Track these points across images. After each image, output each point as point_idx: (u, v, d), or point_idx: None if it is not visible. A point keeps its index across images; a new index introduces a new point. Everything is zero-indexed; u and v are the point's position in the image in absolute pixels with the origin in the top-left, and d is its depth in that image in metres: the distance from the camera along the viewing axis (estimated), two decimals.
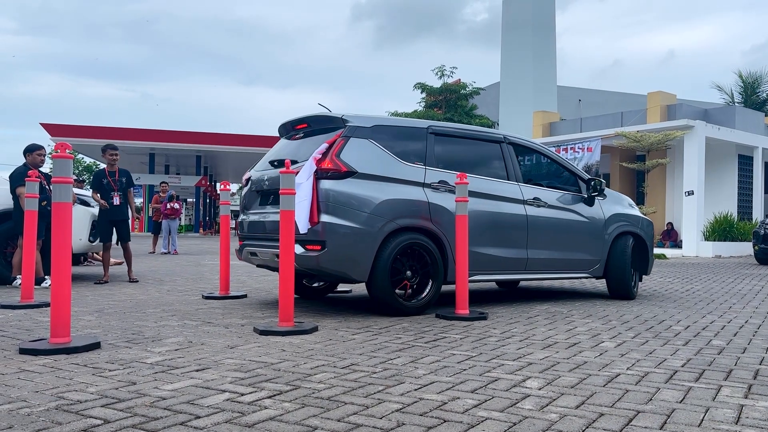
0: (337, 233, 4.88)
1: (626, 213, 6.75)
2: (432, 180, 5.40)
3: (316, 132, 5.51)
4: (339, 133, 5.19)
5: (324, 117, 5.55)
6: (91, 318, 4.90)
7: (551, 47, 32.89)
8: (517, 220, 5.86)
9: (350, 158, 5.07)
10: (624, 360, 3.56)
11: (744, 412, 2.56)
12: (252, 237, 5.71)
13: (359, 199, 4.97)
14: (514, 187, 5.97)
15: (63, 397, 2.65)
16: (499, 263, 5.75)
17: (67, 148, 3.73)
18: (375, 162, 5.17)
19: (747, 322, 5.15)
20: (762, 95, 31.15)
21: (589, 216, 6.42)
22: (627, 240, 6.61)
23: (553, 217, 6.15)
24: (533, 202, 6.04)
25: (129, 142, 29.97)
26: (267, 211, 5.56)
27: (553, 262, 6.14)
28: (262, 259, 5.52)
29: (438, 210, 5.31)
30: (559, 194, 6.34)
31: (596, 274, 6.48)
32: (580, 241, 6.31)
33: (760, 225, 14.31)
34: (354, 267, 4.95)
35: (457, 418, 2.44)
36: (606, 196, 6.67)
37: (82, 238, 7.86)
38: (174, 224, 15.21)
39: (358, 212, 4.94)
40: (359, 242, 4.92)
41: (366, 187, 5.04)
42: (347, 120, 5.29)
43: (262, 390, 2.80)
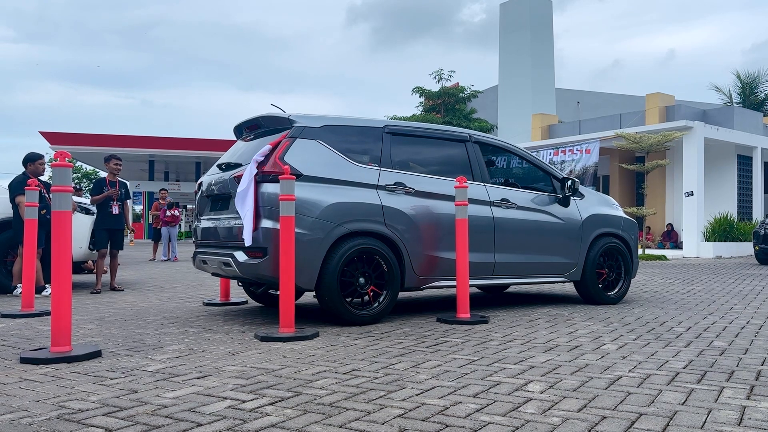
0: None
1: (606, 213, 6.48)
2: (387, 182, 5.18)
3: (267, 133, 5.30)
4: (285, 134, 4.99)
5: (273, 117, 5.32)
6: (92, 326, 4.90)
7: (549, 50, 32.94)
8: (482, 223, 5.62)
9: (295, 160, 4.85)
10: (626, 362, 3.56)
11: (746, 413, 2.55)
12: (204, 244, 5.49)
13: (304, 203, 4.72)
14: (480, 188, 5.73)
15: (64, 406, 2.65)
16: None
17: (67, 157, 3.74)
18: (323, 164, 4.97)
19: (748, 322, 5.15)
20: (760, 95, 31.21)
21: (564, 217, 6.16)
22: (602, 242, 6.36)
23: (524, 219, 5.89)
24: (501, 204, 5.79)
25: (128, 150, 30.00)
26: (215, 216, 5.34)
27: (524, 267, 5.89)
28: (212, 267, 5.31)
29: (393, 213, 5.09)
30: (531, 195, 6.08)
31: (573, 278, 6.22)
32: (553, 244, 6.05)
33: (760, 225, 14.30)
34: (299, 274, 4.63)
35: (460, 422, 2.43)
36: (584, 196, 6.43)
37: (83, 246, 7.86)
38: (174, 231, 15.22)
39: (304, 217, 4.71)
40: (305, 248, 4.67)
41: (312, 191, 4.81)
42: (294, 120, 5.08)
43: (264, 397, 2.79)
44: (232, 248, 4.92)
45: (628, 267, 6.57)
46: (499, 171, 6.32)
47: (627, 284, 6.55)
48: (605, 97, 37.70)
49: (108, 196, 7.61)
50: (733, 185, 20.54)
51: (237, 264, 4.77)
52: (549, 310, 5.88)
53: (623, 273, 6.55)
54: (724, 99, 32.08)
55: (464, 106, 33.01)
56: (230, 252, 4.88)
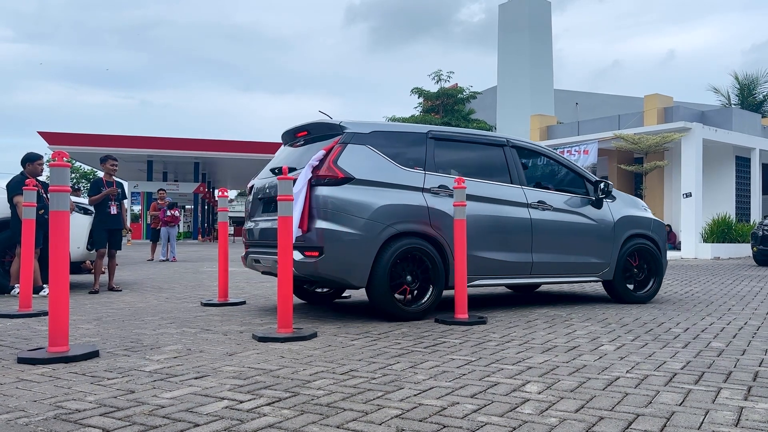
0: (335, 239, 4.92)
1: (636, 215, 6.66)
2: (431, 185, 5.42)
3: (316, 139, 5.58)
4: (336, 139, 5.25)
5: (323, 124, 5.61)
6: (90, 326, 4.89)
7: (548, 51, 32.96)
8: (520, 224, 5.84)
9: (347, 164, 5.11)
10: (623, 363, 3.56)
11: (744, 414, 2.56)
12: (255, 244, 5.78)
13: (357, 205, 5.00)
14: (518, 190, 5.95)
15: (61, 406, 2.64)
16: (503, 267, 5.74)
17: (65, 157, 3.73)
18: (373, 168, 5.21)
19: (746, 323, 5.15)
20: (759, 96, 31.24)
21: (598, 219, 6.35)
22: (633, 243, 6.54)
23: (559, 221, 6.10)
24: (538, 206, 6.00)
25: (127, 150, 29.96)
26: (269, 218, 5.61)
27: (559, 266, 6.10)
28: (264, 266, 5.61)
29: (438, 215, 5.32)
30: (565, 197, 6.29)
31: (606, 277, 6.39)
32: (587, 245, 6.24)
33: (759, 226, 14.31)
34: (352, 273, 4.99)
35: (457, 423, 2.43)
36: (615, 199, 6.61)
37: (80, 246, 7.85)
38: (173, 231, 15.21)
39: (356, 218, 4.97)
40: (357, 248, 4.95)
41: (364, 193, 5.07)
42: (345, 126, 5.34)
43: (261, 397, 2.79)
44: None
45: (658, 267, 6.71)
46: (535, 174, 6.48)
47: (657, 284, 6.70)
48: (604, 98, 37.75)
49: (106, 196, 7.60)
50: (732, 186, 20.56)
51: (293, 262, 4.95)
52: (547, 310, 5.88)
53: (653, 273, 6.69)
54: (723, 100, 32.10)
55: (463, 107, 33.02)
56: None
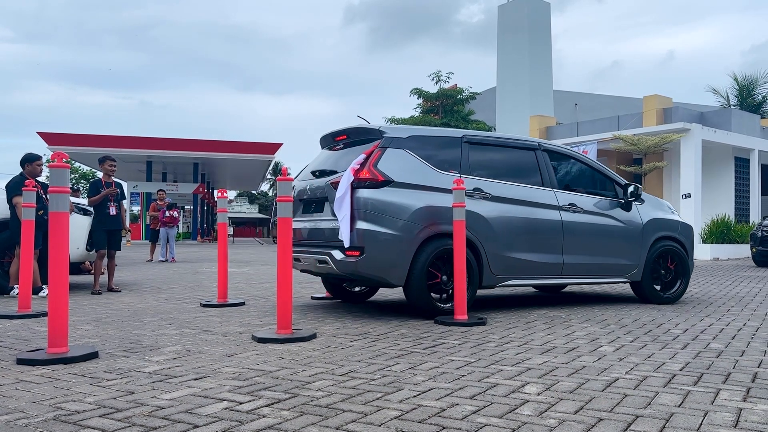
0: (375, 240, 5.09)
1: (665, 218, 6.77)
2: (467, 188, 5.51)
3: (355, 143, 5.75)
4: (376, 143, 5.43)
5: (362, 129, 5.86)
6: (89, 327, 4.89)
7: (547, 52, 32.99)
8: (552, 226, 5.97)
9: (387, 168, 5.29)
10: (622, 364, 3.56)
11: (743, 415, 2.56)
12: (295, 244, 5.86)
13: (396, 207, 5.19)
14: (549, 193, 6.08)
15: (61, 407, 2.64)
16: (535, 268, 5.87)
17: (64, 158, 3.73)
18: (411, 171, 5.39)
19: (745, 324, 5.16)
20: (757, 98, 31.25)
21: (627, 221, 6.46)
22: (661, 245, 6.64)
23: (590, 223, 6.22)
24: (569, 208, 6.12)
25: (126, 150, 29.94)
26: (309, 218, 5.82)
27: (589, 267, 6.21)
28: (304, 265, 5.79)
29: (472, 217, 5.44)
30: (595, 200, 6.40)
31: (634, 278, 6.50)
32: (617, 246, 6.36)
33: (758, 227, 14.33)
34: (391, 272, 5.17)
35: (456, 424, 2.43)
36: (644, 201, 6.70)
37: (80, 247, 7.84)
38: (172, 232, 15.20)
39: (395, 219, 5.17)
40: (396, 248, 5.14)
41: (402, 196, 5.25)
42: (384, 131, 5.54)
43: (261, 398, 2.79)
44: (328, 247, 5.35)
45: (685, 268, 6.79)
46: (565, 177, 6.57)
47: (684, 285, 6.79)
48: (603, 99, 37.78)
49: (105, 197, 7.59)
50: (731, 187, 20.58)
51: (334, 261, 5.22)
52: (546, 311, 5.89)
53: (680, 274, 6.77)
54: (722, 101, 32.13)
55: (462, 108, 33.05)
56: (327, 251, 5.32)
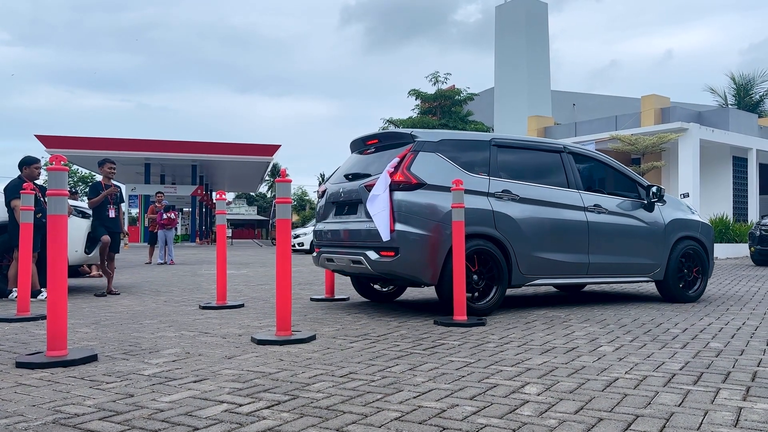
0: (409, 240, 5.21)
1: (686, 218, 6.87)
2: (496, 189, 5.70)
3: (386, 147, 5.89)
4: (408, 147, 5.55)
5: (394, 133, 6.08)
6: (88, 330, 4.88)
7: (545, 52, 33.03)
8: (578, 226, 6.08)
9: (419, 171, 5.42)
10: (622, 364, 3.56)
11: (743, 414, 2.56)
12: (329, 244, 6.08)
13: (429, 209, 5.32)
14: (575, 194, 6.20)
15: (60, 410, 2.64)
16: (561, 267, 5.98)
17: (62, 161, 3.73)
18: (442, 174, 5.50)
19: (744, 323, 5.16)
20: (755, 97, 31.33)
21: (650, 221, 6.57)
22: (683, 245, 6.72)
23: (614, 223, 6.34)
24: (594, 209, 6.24)
25: (124, 153, 29.94)
26: (343, 220, 5.96)
27: (614, 267, 6.32)
28: (338, 265, 5.93)
29: (502, 218, 5.60)
30: (619, 201, 6.51)
31: (657, 278, 6.61)
32: (640, 246, 6.46)
33: (756, 226, 14.35)
34: (425, 271, 5.30)
35: (456, 425, 2.43)
36: (666, 202, 6.81)
37: (78, 249, 7.83)
38: (170, 234, 15.18)
39: (428, 221, 5.30)
40: (429, 248, 5.28)
41: (435, 198, 5.38)
42: (416, 135, 5.67)
43: (261, 400, 2.79)
44: (363, 248, 5.49)
45: (705, 268, 6.90)
46: (590, 178, 6.68)
47: (704, 284, 6.89)
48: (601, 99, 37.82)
49: (105, 199, 7.59)
50: (729, 186, 20.61)
51: (369, 262, 5.37)
52: (546, 312, 5.89)
53: (701, 273, 6.87)
54: (719, 101, 32.21)
55: (460, 109, 33.06)
56: (362, 251, 5.46)
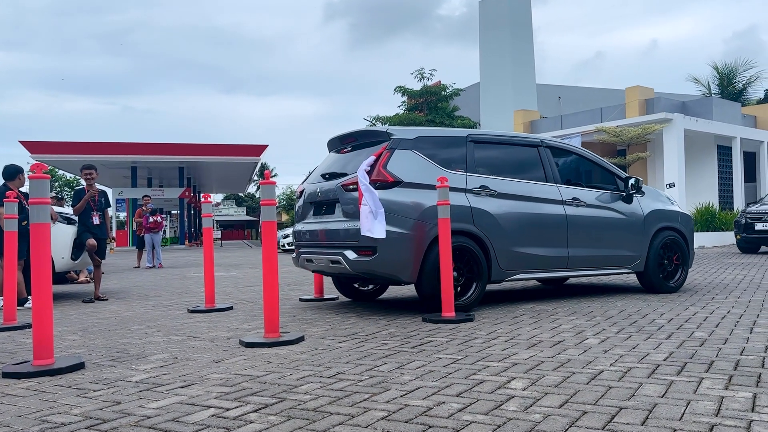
0: (387, 239, 5.17)
1: (665, 209, 6.90)
2: (473, 185, 5.71)
3: (363, 145, 5.86)
4: (384, 145, 5.53)
5: (370, 131, 5.99)
6: (76, 337, 4.86)
7: (529, 46, 33.12)
8: (557, 220, 6.10)
9: (396, 169, 5.41)
10: (607, 356, 3.60)
11: (724, 403, 2.60)
12: (307, 245, 6.05)
13: (406, 207, 5.31)
14: (553, 188, 6.22)
15: (47, 420, 2.63)
16: (541, 262, 5.99)
17: (43, 168, 3.71)
18: (419, 171, 5.50)
19: (729, 312, 5.22)
20: (738, 85, 31.58)
21: (628, 213, 6.60)
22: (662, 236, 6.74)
23: (593, 216, 6.37)
24: (572, 202, 6.27)
25: (110, 157, 29.75)
26: (321, 220, 5.91)
27: (594, 259, 6.35)
28: (317, 265, 5.90)
29: (480, 214, 5.61)
30: (597, 193, 6.54)
31: (637, 269, 6.64)
32: (620, 238, 6.49)
33: (741, 214, 14.49)
34: (403, 269, 5.30)
35: (442, 423, 2.45)
36: (644, 193, 6.83)
37: (65, 256, 7.79)
38: (157, 238, 15.11)
39: (406, 219, 5.29)
40: (408, 246, 5.27)
41: (412, 195, 5.38)
42: (392, 133, 5.65)
43: (248, 404, 2.80)
44: (341, 248, 5.46)
45: (685, 258, 6.94)
46: (568, 172, 6.69)
47: (685, 274, 6.93)
48: (586, 92, 37.97)
49: (88, 206, 7.54)
50: (714, 175, 20.80)
51: (347, 261, 5.34)
52: (533, 305, 5.93)
53: (681, 264, 6.91)
54: (703, 90, 32.43)
55: (447, 104, 33.11)
56: (340, 251, 5.43)
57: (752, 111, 23.98)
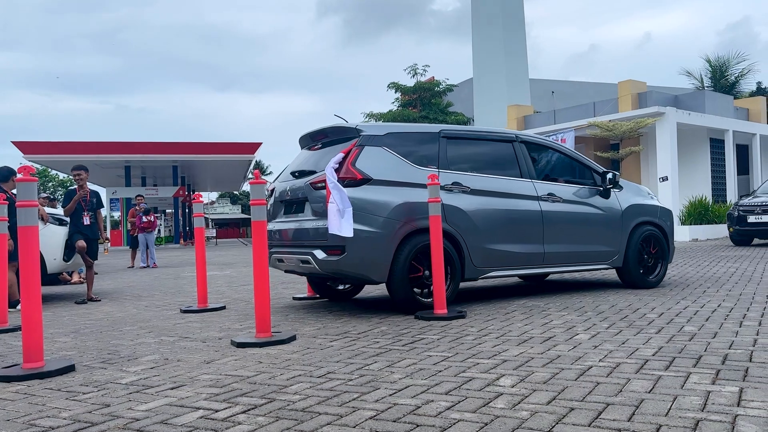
0: (356, 238, 5.09)
1: (644, 203, 6.83)
2: (446, 182, 5.60)
3: (333, 142, 5.75)
4: (354, 142, 5.45)
5: (340, 128, 5.85)
6: (67, 339, 4.85)
7: (521, 41, 33.11)
8: (531, 216, 6.02)
9: (365, 166, 5.33)
10: (597, 352, 3.61)
11: (710, 398, 2.61)
12: (278, 244, 5.92)
13: (375, 205, 5.22)
14: (528, 183, 6.14)
15: (35, 424, 2.63)
16: (516, 258, 5.92)
17: (31, 171, 3.70)
18: (389, 168, 5.42)
19: (720, 306, 5.25)
20: (730, 78, 31.66)
21: (606, 208, 6.53)
22: (641, 231, 6.68)
23: (569, 211, 6.28)
24: (548, 198, 6.18)
25: (104, 156, 29.61)
26: (291, 219, 5.82)
27: (571, 255, 6.28)
28: (288, 265, 5.81)
29: (452, 211, 5.52)
30: (574, 188, 6.46)
31: (616, 264, 6.58)
32: (597, 234, 6.42)
33: (734, 207, 14.54)
34: (373, 269, 5.22)
35: (430, 421, 2.46)
36: (622, 188, 6.78)
37: (57, 257, 7.77)
38: (151, 237, 15.07)
39: (375, 217, 5.20)
40: (377, 245, 5.18)
41: (381, 193, 5.29)
42: (361, 129, 5.56)
43: (237, 405, 2.80)
44: (310, 247, 5.36)
45: (665, 253, 6.89)
46: (544, 167, 6.62)
47: (664, 269, 6.88)
48: (579, 86, 38.02)
49: (79, 207, 7.52)
50: (707, 168, 20.84)
51: (317, 261, 5.26)
52: (525, 301, 5.94)
53: (661, 258, 6.86)
54: (696, 83, 32.51)
55: (440, 100, 33.10)
56: (309, 251, 5.34)
57: (745, 104, 24.04)
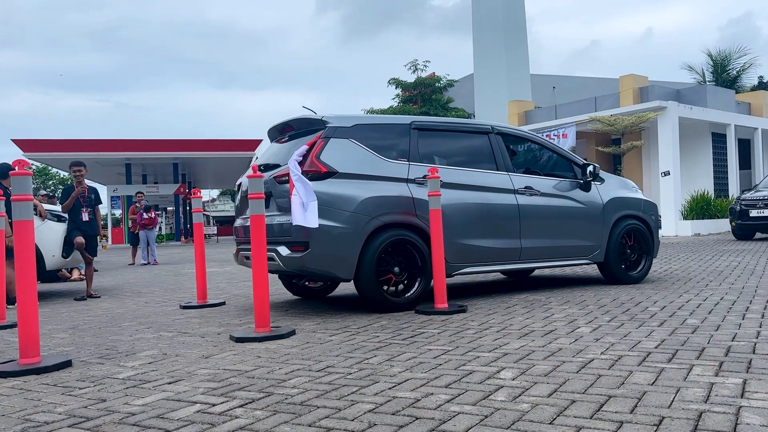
0: (320, 233, 4.91)
1: (626, 197, 6.65)
2: (416, 175, 5.42)
3: (300, 134, 5.58)
4: (319, 134, 5.26)
5: (306, 119, 5.64)
6: (65, 335, 4.82)
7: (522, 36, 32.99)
8: (507, 210, 5.83)
9: (330, 159, 5.15)
10: (599, 345, 3.57)
11: (714, 390, 2.58)
12: (245, 241, 5.76)
13: (341, 199, 5.04)
14: (504, 176, 5.95)
15: (30, 419, 2.60)
16: (491, 254, 5.73)
17: (25, 165, 3.66)
18: (356, 161, 5.24)
19: (722, 299, 5.21)
20: (732, 72, 31.55)
21: (586, 202, 6.34)
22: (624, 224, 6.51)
23: (547, 205, 6.10)
24: (525, 191, 6.00)
25: (104, 154, 29.59)
26: None
27: (549, 251, 6.09)
28: None
29: (423, 205, 5.31)
30: (553, 182, 6.28)
31: (597, 259, 6.40)
32: (577, 228, 6.24)
33: (736, 201, 14.48)
34: (339, 265, 5.02)
35: (429, 414, 2.42)
36: (604, 181, 6.60)
37: (55, 254, 7.74)
38: (152, 234, 15.05)
39: (341, 211, 5.01)
40: (343, 241, 4.99)
41: (347, 187, 5.11)
42: (327, 121, 5.37)
43: (234, 399, 2.76)
44: (274, 243, 5.15)
45: (649, 247, 6.71)
46: (521, 160, 6.48)
47: (649, 264, 6.72)
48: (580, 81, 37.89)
49: (78, 202, 7.49)
50: (709, 163, 20.77)
51: (280, 258, 5.06)
52: (527, 295, 5.90)
53: (644, 252, 6.69)
54: (697, 78, 32.40)
55: (441, 96, 33.05)
56: (273, 247, 5.12)
57: (746, 98, 23.95)
